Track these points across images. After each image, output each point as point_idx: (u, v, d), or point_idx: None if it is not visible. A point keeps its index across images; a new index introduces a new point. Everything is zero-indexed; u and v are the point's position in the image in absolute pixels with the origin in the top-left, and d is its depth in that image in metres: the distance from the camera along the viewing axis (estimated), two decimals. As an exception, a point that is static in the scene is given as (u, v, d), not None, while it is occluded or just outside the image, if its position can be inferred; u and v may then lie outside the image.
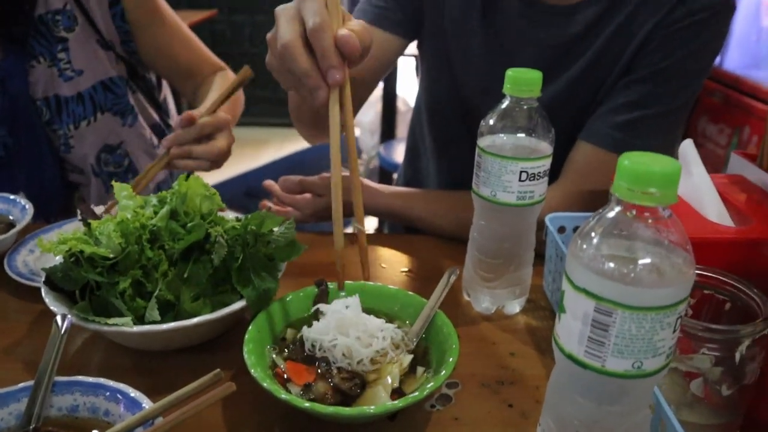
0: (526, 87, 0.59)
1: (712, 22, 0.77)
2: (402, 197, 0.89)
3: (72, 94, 1.03)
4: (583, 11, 0.81)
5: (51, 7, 1.00)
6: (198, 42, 1.15)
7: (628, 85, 0.81)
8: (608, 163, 0.80)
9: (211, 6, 3.78)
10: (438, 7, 0.90)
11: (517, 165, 0.60)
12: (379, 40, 0.88)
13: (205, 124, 0.89)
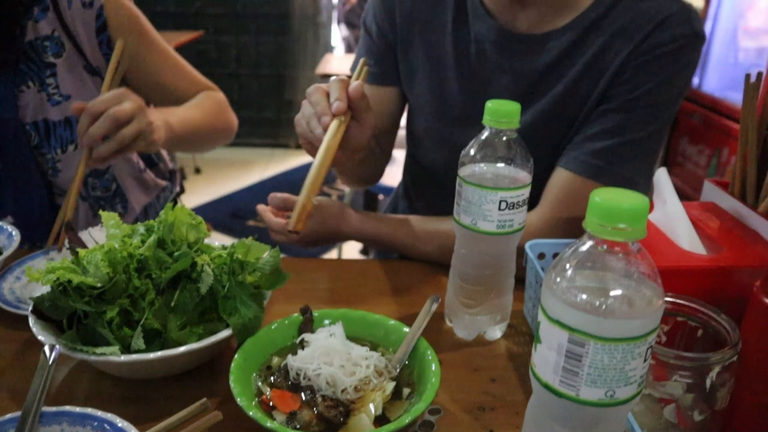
0: (505, 119, 0.61)
1: (681, 52, 0.80)
2: (387, 223, 0.90)
3: (60, 119, 1.04)
4: (556, 39, 0.84)
5: (40, 34, 1.01)
6: (187, 66, 1.15)
7: (604, 113, 0.83)
8: (586, 190, 0.80)
9: (197, 27, 3.82)
10: (409, 47, 0.94)
11: (497, 194, 0.62)
12: (378, 97, 0.98)
13: (94, 103, 0.85)
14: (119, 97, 0.87)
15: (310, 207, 0.67)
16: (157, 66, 1.09)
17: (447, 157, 0.95)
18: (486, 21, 0.87)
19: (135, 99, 0.88)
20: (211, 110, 1.07)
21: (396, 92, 0.99)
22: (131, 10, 1.06)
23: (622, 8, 0.81)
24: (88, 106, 0.85)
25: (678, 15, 0.79)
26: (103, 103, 0.85)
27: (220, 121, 1.14)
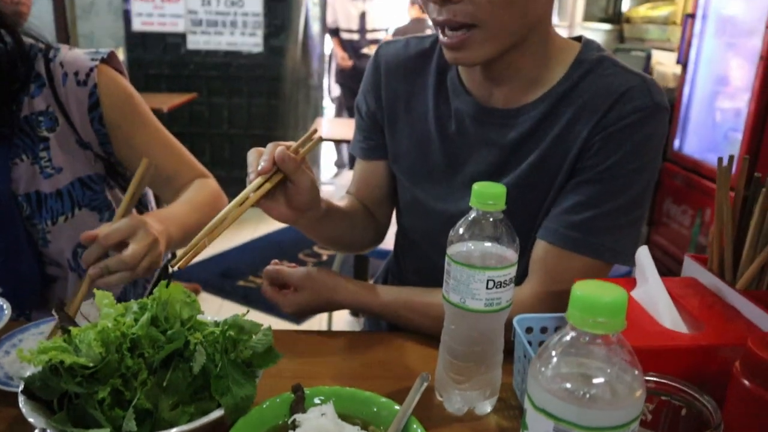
0: (491, 200, 0.64)
1: (644, 123, 0.83)
2: (381, 295, 0.92)
3: (51, 191, 1.06)
4: (528, 113, 0.89)
5: (35, 109, 1.04)
6: (179, 147, 1.16)
7: (578, 185, 0.86)
8: (570, 263, 0.85)
9: (190, 89, 3.90)
10: (395, 123, 0.99)
11: (484, 274, 0.64)
12: (368, 170, 1.05)
13: (107, 235, 0.86)
14: (134, 229, 0.87)
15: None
16: (148, 145, 1.11)
17: (432, 225, 0.99)
18: (464, 97, 0.93)
19: (149, 233, 0.88)
20: (207, 209, 1.08)
21: (385, 166, 1.04)
22: (125, 88, 1.09)
23: (587, 83, 0.86)
24: (100, 238, 0.85)
25: (638, 88, 0.84)
26: (116, 233, 0.86)
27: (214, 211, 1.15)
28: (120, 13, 4.05)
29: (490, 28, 0.79)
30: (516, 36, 0.82)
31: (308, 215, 0.87)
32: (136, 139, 1.10)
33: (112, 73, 1.08)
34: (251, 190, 0.80)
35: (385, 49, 1.02)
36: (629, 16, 3.81)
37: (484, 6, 0.77)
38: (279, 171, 0.80)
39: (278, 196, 0.83)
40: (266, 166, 0.79)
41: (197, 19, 4.04)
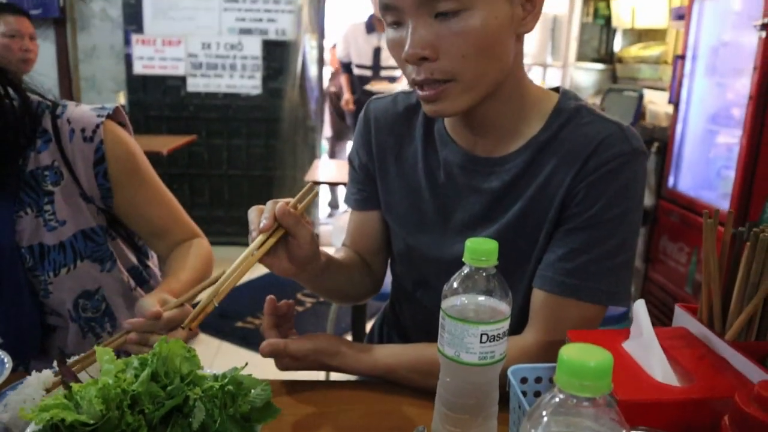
0: (484, 257, 0.66)
1: (624, 168, 0.86)
2: (384, 357, 0.91)
3: (55, 243, 1.08)
4: (512, 161, 0.92)
5: (41, 164, 1.06)
6: (176, 205, 1.20)
7: (568, 233, 0.89)
8: (569, 310, 0.88)
9: (190, 131, 3.95)
10: (386, 174, 1.03)
11: (478, 328, 0.65)
12: (362, 221, 1.08)
13: (170, 320, 0.90)
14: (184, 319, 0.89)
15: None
16: (147, 202, 1.14)
17: (426, 272, 1.01)
18: (452, 147, 0.96)
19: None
20: (203, 274, 1.12)
21: (378, 216, 1.07)
22: (129, 145, 1.12)
23: (567, 132, 0.90)
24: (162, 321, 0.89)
25: (615, 135, 0.87)
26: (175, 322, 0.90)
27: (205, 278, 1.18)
28: (122, 57, 4.13)
29: (466, 80, 0.82)
30: (491, 85, 0.85)
31: (309, 269, 0.89)
32: (137, 195, 1.13)
33: (117, 130, 1.11)
34: (254, 247, 0.82)
35: (374, 104, 1.06)
36: (621, 56, 3.89)
37: (460, 61, 0.80)
38: (280, 227, 0.83)
39: (279, 252, 0.86)
40: (268, 223, 0.82)
41: (197, 63, 4.12)
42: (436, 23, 0.79)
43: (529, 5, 0.84)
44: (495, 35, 0.81)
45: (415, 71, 0.82)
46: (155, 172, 1.17)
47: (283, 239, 0.85)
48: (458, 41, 0.79)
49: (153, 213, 1.15)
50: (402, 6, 0.80)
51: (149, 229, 1.17)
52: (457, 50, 0.80)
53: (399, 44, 0.83)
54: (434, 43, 0.80)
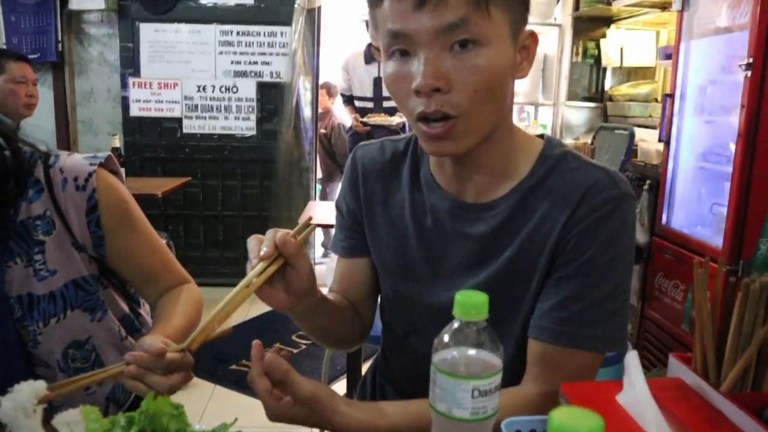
0: (474, 311, 0.65)
1: (615, 212, 0.86)
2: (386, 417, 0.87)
3: (45, 293, 1.07)
4: (499, 207, 0.92)
5: (32, 213, 1.06)
6: (166, 251, 1.19)
7: (560, 281, 0.88)
8: (569, 357, 0.87)
9: (185, 172, 3.97)
10: (373, 221, 1.03)
11: (469, 384, 0.64)
12: (350, 268, 1.07)
13: (171, 361, 0.87)
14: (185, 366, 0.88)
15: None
16: (139, 249, 1.14)
17: (416, 319, 1.00)
18: (439, 193, 0.96)
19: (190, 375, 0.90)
20: (195, 319, 1.12)
21: (367, 263, 1.06)
22: (121, 193, 1.12)
23: (554, 178, 0.90)
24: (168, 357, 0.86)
25: (604, 180, 0.88)
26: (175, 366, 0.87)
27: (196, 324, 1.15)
28: (119, 100, 4.17)
29: (472, 119, 0.82)
30: (492, 126, 0.86)
31: (305, 302, 0.88)
32: (129, 242, 1.13)
33: (110, 178, 1.11)
34: (254, 275, 0.81)
35: (362, 151, 1.06)
36: (611, 95, 3.94)
37: (471, 96, 0.80)
38: (279, 256, 0.83)
39: (276, 284, 0.85)
40: (269, 251, 0.81)
41: (193, 105, 4.16)
42: (450, 56, 0.79)
43: (524, 52, 0.86)
44: (503, 75, 0.82)
45: (425, 103, 0.81)
46: (146, 219, 1.17)
47: (281, 270, 0.84)
48: (472, 76, 0.79)
49: (145, 260, 1.15)
50: (416, 35, 0.79)
51: (140, 275, 1.16)
52: (470, 85, 0.80)
53: (405, 76, 0.82)
54: (448, 76, 0.79)
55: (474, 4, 0.77)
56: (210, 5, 4.07)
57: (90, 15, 4.07)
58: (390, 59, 0.84)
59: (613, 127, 3.39)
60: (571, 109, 4.01)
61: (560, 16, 4.04)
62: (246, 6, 4.08)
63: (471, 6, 0.77)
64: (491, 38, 0.79)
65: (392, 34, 0.81)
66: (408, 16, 0.78)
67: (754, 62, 2.23)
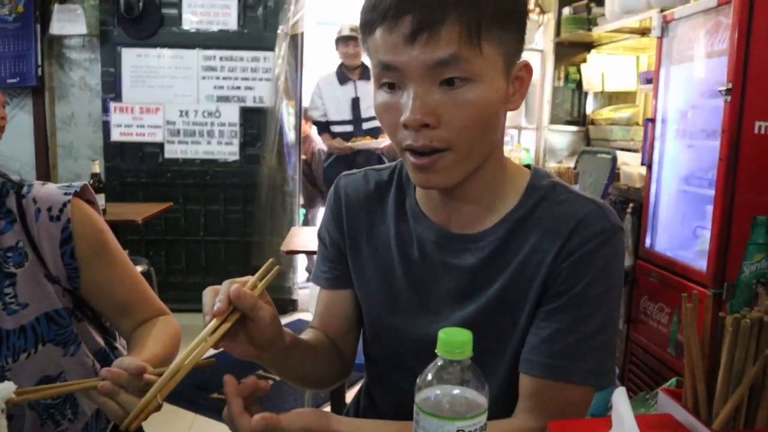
0: (458, 349, 0.63)
1: (606, 245, 0.86)
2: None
3: (15, 327, 1.03)
4: (486, 238, 0.90)
5: (3, 245, 1.03)
6: (142, 283, 1.16)
7: (551, 314, 0.87)
8: (561, 393, 0.85)
9: (167, 197, 3.93)
10: (358, 252, 1.00)
11: (453, 425, 0.62)
12: (333, 300, 1.04)
13: (148, 382, 0.83)
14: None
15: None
16: (113, 280, 1.11)
17: (401, 353, 0.97)
18: (425, 223, 0.94)
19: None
20: (171, 349, 1.08)
21: (350, 294, 1.03)
22: (97, 223, 1.09)
23: (543, 209, 0.89)
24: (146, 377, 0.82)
25: (595, 213, 0.87)
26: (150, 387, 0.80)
27: (173, 355, 1.12)
28: (99, 125, 4.13)
29: (461, 152, 0.81)
30: (482, 158, 0.85)
31: (273, 349, 0.84)
32: (105, 273, 1.09)
33: (85, 208, 1.09)
34: (207, 333, 0.75)
35: (344, 181, 1.04)
36: (593, 118, 3.97)
37: (460, 131, 0.79)
38: (236, 310, 0.77)
39: (239, 335, 0.80)
40: (221, 306, 0.75)
41: (175, 130, 4.13)
42: (439, 91, 0.78)
43: (517, 83, 0.85)
44: (494, 109, 0.81)
45: (412, 137, 0.80)
46: (122, 249, 1.14)
47: (242, 321, 0.78)
48: (461, 112, 0.78)
49: (120, 292, 1.12)
50: (407, 70, 0.78)
51: (115, 308, 1.13)
52: (459, 120, 0.79)
53: (393, 108, 0.81)
54: (437, 111, 0.78)
55: (466, 41, 0.76)
56: (193, 31, 4.07)
57: (71, 40, 4.05)
58: (380, 89, 0.83)
59: (596, 150, 3.41)
60: (554, 133, 4.03)
61: (542, 42, 4.08)
62: (229, 31, 4.08)
63: (463, 43, 0.76)
64: (483, 74, 0.78)
65: (383, 65, 0.80)
66: (399, 49, 0.77)
67: (733, 88, 2.26)
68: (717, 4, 2.37)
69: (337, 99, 4.23)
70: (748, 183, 2.33)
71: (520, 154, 4.10)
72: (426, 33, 0.75)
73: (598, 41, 3.83)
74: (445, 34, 0.75)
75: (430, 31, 0.75)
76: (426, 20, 0.75)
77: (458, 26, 0.76)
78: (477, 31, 0.76)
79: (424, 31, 0.75)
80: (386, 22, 0.77)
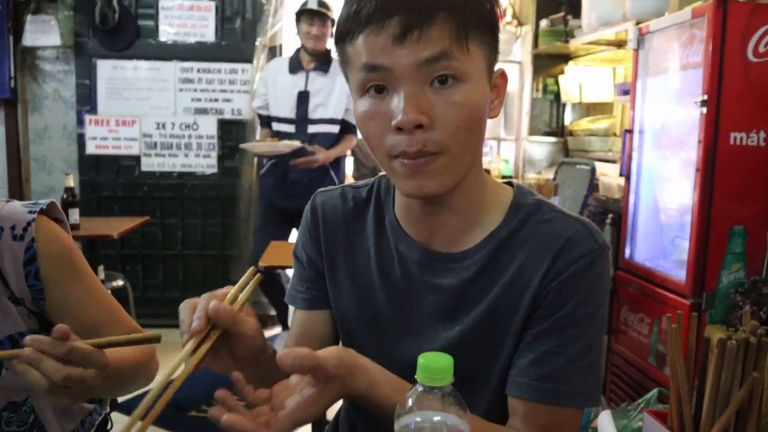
0: (439, 375, 0.61)
1: (593, 264, 0.85)
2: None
3: None
4: (471, 257, 0.88)
5: None
6: (113, 304, 1.12)
7: (539, 336, 0.85)
8: (549, 415, 0.83)
9: (143, 211, 3.87)
10: (335, 271, 0.97)
11: (435, 455, 0.59)
12: (310, 321, 1.00)
13: (74, 349, 0.79)
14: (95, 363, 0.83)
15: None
16: (81, 301, 1.06)
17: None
18: (407, 241, 0.92)
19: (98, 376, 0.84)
20: (141, 370, 1.05)
21: (328, 315, 1.00)
22: (63, 242, 1.05)
23: (529, 229, 0.87)
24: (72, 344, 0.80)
25: (581, 232, 0.86)
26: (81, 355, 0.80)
27: (145, 369, 1.09)
28: (74, 138, 4.06)
29: (454, 155, 0.79)
30: (470, 165, 0.83)
31: (258, 362, 0.81)
32: (71, 294, 1.05)
33: (50, 226, 1.05)
34: (187, 354, 0.70)
35: (321, 198, 1.01)
36: (572, 130, 3.99)
37: (453, 133, 0.78)
38: (216, 327, 0.73)
39: (221, 352, 0.76)
40: (199, 325, 0.71)
41: (152, 142, 4.08)
42: (430, 91, 0.77)
43: (495, 91, 0.85)
44: (482, 111, 0.81)
45: (406, 142, 0.77)
46: (91, 270, 1.10)
47: (223, 336, 0.74)
48: (454, 111, 0.77)
49: (88, 313, 1.07)
50: (396, 69, 0.76)
51: (84, 329, 1.06)
52: (452, 121, 0.77)
53: (382, 113, 0.78)
54: (430, 111, 0.77)
55: (455, 38, 0.76)
56: (170, 42, 4.03)
57: (45, 51, 3.98)
58: (364, 95, 0.80)
59: (575, 162, 3.42)
60: (533, 144, 4.05)
61: (520, 54, 4.10)
62: (207, 43, 4.04)
63: (453, 40, 0.76)
64: (470, 74, 0.78)
65: (369, 68, 0.77)
66: (388, 49, 0.75)
67: (708, 99, 2.28)
68: (691, 17, 2.39)
69: (283, 89, 3.40)
70: (724, 193, 2.35)
71: (500, 165, 4.11)
72: (416, 32, 0.74)
73: (576, 53, 3.87)
74: (436, 31, 0.75)
75: (419, 29, 0.74)
76: (415, 20, 0.74)
77: (448, 25, 0.75)
78: (465, 31, 0.76)
79: (414, 30, 0.74)
80: (371, 25, 0.76)
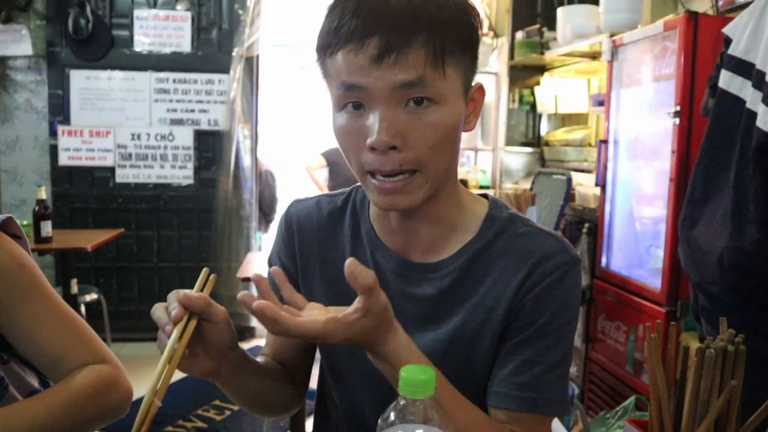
0: (420, 388, 0.61)
1: (567, 276, 0.87)
2: None
3: None
4: (446, 268, 0.89)
5: None
6: (78, 326, 1.03)
7: (516, 346, 0.86)
8: (527, 423, 0.85)
9: (118, 223, 3.82)
10: (309, 280, 0.97)
11: (418, 469, 0.59)
12: None
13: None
14: None
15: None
16: (36, 323, 0.99)
17: (357, 390, 0.94)
18: (383, 251, 0.93)
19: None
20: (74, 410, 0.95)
21: None
22: (17, 258, 0.99)
23: (503, 241, 0.89)
24: None
25: (555, 246, 0.88)
26: None
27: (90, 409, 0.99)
28: (46, 148, 4.00)
29: (429, 171, 0.80)
30: (444, 179, 0.85)
31: (230, 359, 0.82)
32: (22, 314, 0.98)
33: (6, 243, 0.99)
34: (174, 342, 0.74)
35: (296, 207, 1.01)
36: (548, 140, 4.04)
37: (426, 152, 0.79)
38: (192, 315, 0.76)
39: (196, 350, 0.79)
40: (179, 311, 0.74)
41: (127, 153, 4.03)
42: (405, 112, 0.78)
43: (471, 105, 0.86)
44: (456, 130, 0.82)
45: (379, 161, 0.78)
46: (52, 289, 1.03)
47: (196, 334, 0.77)
48: (427, 132, 0.78)
49: (46, 334, 0.99)
50: (373, 89, 0.77)
51: (41, 352, 0.99)
52: (425, 142, 0.78)
53: (357, 130, 0.79)
54: (404, 133, 0.78)
55: (431, 64, 0.76)
56: (145, 53, 3.99)
57: (16, 61, 3.92)
58: (342, 111, 0.81)
59: (551, 172, 3.45)
60: (510, 154, 4.08)
61: (496, 65, 4.14)
62: (182, 54, 4.01)
63: (428, 66, 0.76)
64: (446, 96, 0.79)
65: (347, 86, 0.78)
66: (365, 70, 0.76)
67: (681, 110, 2.33)
68: (663, 29, 2.44)
69: None
70: (698, 203, 2.38)
71: (477, 176, 4.13)
72: (394, 54, 0.75)
73: (551, 64, 3.92)
74: (412, 56, 0.75)
75: (397, 52, 0.75)
76: (393, 42, 0.75)
77: (424, 50, 0.76)
78: (442, 55, 0.77)
79: (392, 53, 0.75)
80: (351, 44, 0.76)
